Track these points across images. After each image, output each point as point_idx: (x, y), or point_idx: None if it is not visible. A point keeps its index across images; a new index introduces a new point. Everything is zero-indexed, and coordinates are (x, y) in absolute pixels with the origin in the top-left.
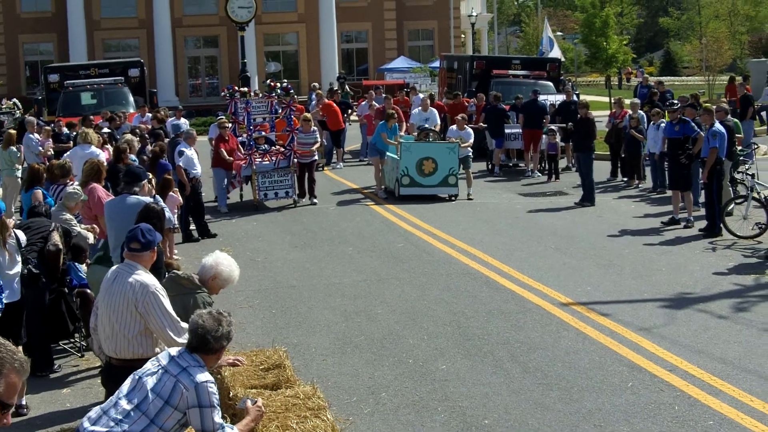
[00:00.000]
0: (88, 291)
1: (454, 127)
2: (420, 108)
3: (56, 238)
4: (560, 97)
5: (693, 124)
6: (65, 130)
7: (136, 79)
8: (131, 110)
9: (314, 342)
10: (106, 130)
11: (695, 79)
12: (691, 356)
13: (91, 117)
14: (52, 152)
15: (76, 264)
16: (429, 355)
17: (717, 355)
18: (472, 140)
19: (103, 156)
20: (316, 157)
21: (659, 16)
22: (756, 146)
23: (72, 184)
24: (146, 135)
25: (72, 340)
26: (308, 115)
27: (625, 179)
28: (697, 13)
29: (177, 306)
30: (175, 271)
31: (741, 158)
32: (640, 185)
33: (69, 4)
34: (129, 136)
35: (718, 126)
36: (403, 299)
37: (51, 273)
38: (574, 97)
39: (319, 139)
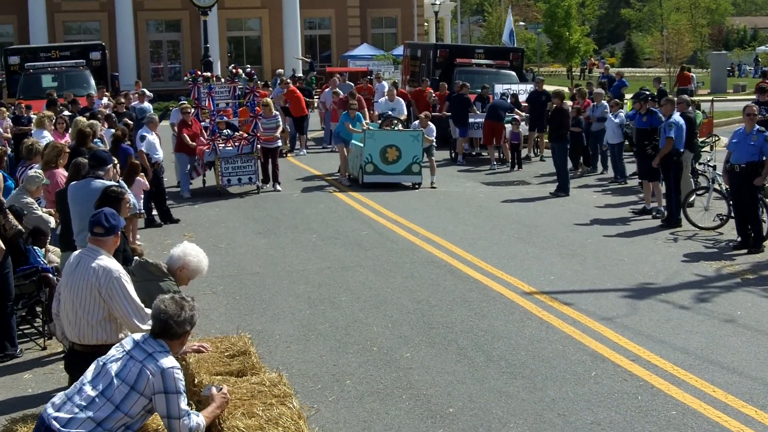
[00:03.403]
0: (51, 275)
1: (416, 122)
2: (386, 98)
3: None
4: (526, 87)
5: (660, 114)
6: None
7: (98, 63)
8: (93, 93)
9: (278, 329)
10: (66, 113)
11: (656, 71)
12: (653, 346)
13: (56, 98)
14: (10, 135)
15: (35, 248)
16: (393, 343)
17: (679, 345)
18: (434, 136)
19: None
20: (280, 143)
21: (621, 7)
22: (717, 138)
23: (34, 167)
24: (112, 116)
25: (34, 325)
26: (268, 100)
27: (588, 168)
28: (658, 5)
29: (141, 292)
30: (145, 257)
31: (702, 149)
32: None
33: None
34: (88, 121)
35: (676, 117)
36: (367, 287)
37: (15, 254)
38: (546, 88)
39: (281, 124)
